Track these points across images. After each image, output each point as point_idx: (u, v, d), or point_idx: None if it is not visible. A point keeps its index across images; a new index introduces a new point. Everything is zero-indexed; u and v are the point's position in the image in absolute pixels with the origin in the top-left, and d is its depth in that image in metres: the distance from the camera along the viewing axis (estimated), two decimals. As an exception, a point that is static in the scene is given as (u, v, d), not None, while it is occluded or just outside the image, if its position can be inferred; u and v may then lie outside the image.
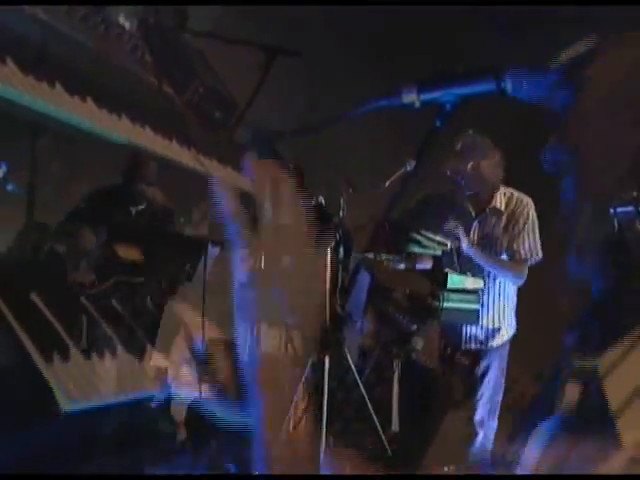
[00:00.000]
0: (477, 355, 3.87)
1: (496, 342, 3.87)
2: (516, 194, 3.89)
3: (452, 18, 5.22)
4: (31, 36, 3.81)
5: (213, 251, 4.12)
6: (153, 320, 4.11)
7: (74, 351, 3.45)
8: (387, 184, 3.73)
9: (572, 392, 3.50)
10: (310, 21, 5.35)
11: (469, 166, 3.82)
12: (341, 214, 3.50)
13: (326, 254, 3.37)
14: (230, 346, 3.97)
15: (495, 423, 3.90)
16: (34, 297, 3.46)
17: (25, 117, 3.65)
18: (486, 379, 3.87)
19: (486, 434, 3.84)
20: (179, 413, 4.08)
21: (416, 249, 3.71)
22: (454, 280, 3.62)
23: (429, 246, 3.71)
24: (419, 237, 3.68)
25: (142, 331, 4.05)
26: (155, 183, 4.24)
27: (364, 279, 3.75)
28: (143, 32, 4.57)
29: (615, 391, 3.14)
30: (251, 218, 3.91)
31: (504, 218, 3.86)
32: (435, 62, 4.59)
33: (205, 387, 3.97)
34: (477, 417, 3.84)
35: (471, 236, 3.91)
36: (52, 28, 3.97)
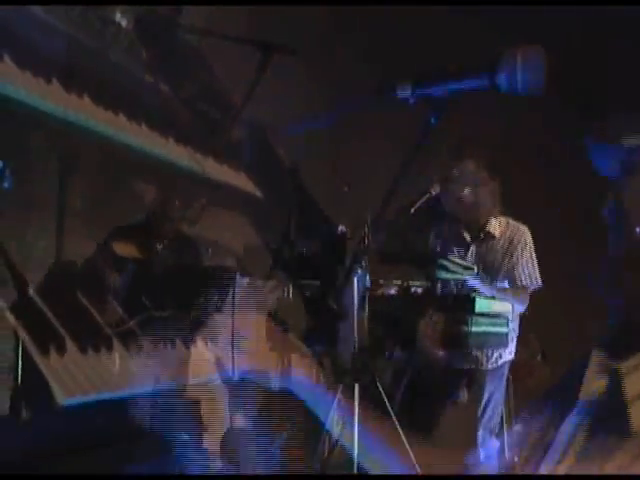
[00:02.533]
0: (475, 375, 3.87)
1: (493, 365, 3.87)
2: (512, 222, 3.95)
3: (448, 15, 5.24)
4: (29, 33, 3.83)
5: (242, 282, 4.14)
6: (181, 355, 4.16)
7: (71, 346, 3.46)
8: (412, 210, 3.76)
9: (594, 384, 3.72)
10: (308, 19, 5.36)
11: (465, 191, 3.87)
12: (366, 242, 3.47)
13: (352, 283, 3.37)
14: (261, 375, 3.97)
15: (496, 441, 3.90)
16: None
17: (21, 113, 3.65)
18: (485, 401, 3.86)
19: (488, 454, 3.85)
20: (213, 444, 4.09)
21: (443, 274, 3.73)
22: (482, 304, 3.62)
23: (456, 271, 3.74)
24: (446, 262, 3.71)
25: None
26: (178, 219, 4.28)
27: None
28: (139, 30, 4.58)
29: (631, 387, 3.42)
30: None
31: (500, 244, 3.90)
32: (431, 58, 4.60)
33: (236, 417, 3.97)
34: (478, 439, 3.84)
35: (467, 260, 3.94)
36: (49, 25, 3.98)
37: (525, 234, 3.90)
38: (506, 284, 3.89)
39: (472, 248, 3.93)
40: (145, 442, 3.70)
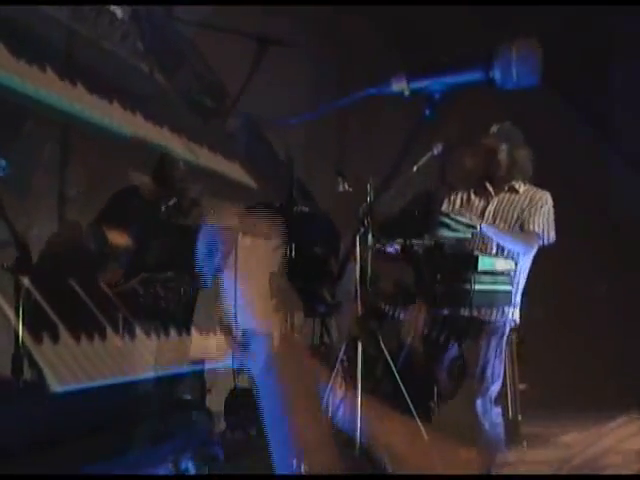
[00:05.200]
0: (474, 328, 3.86)
1: (493, 318, 3.86)
2: (535, 188, 4.04)
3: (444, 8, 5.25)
4: (23, 22, 3.82)
5: (244, 241, 4.14)
6: (185, 312, 4.20)
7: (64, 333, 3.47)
8: (415, 169, 3.81)
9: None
10: (303, 11, 5.36)
11: (503, 146, 3.96)
12: (368, 201, 3.48)
13: (355, 242, 3.37)
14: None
15: (499, 408, 3.90)
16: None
17: (16, 102, 3.64)
18: (482, 362, 3.85)
19: (492, 422, 3.84)
20: (216, 403, 4.10)
21: (445, 232, 3.75)
22: (485, 262, 3.63)
23: (458, 229, 3.76)
24: (448, 220, 3.73)
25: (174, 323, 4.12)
26: (183, 180, 4.27)
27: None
28: (134, 19, 4.57)
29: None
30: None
31: (521, 200, 3.98)
32: (426, 51, 4.62)
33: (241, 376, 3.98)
34: (478, 409, 3.83)
35: (488, 210, 4.02)
36: (43, 13, 3.97)
37: (547, 195, 3.97)
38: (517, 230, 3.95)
39: (494, 200, 4.00)
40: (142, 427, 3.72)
